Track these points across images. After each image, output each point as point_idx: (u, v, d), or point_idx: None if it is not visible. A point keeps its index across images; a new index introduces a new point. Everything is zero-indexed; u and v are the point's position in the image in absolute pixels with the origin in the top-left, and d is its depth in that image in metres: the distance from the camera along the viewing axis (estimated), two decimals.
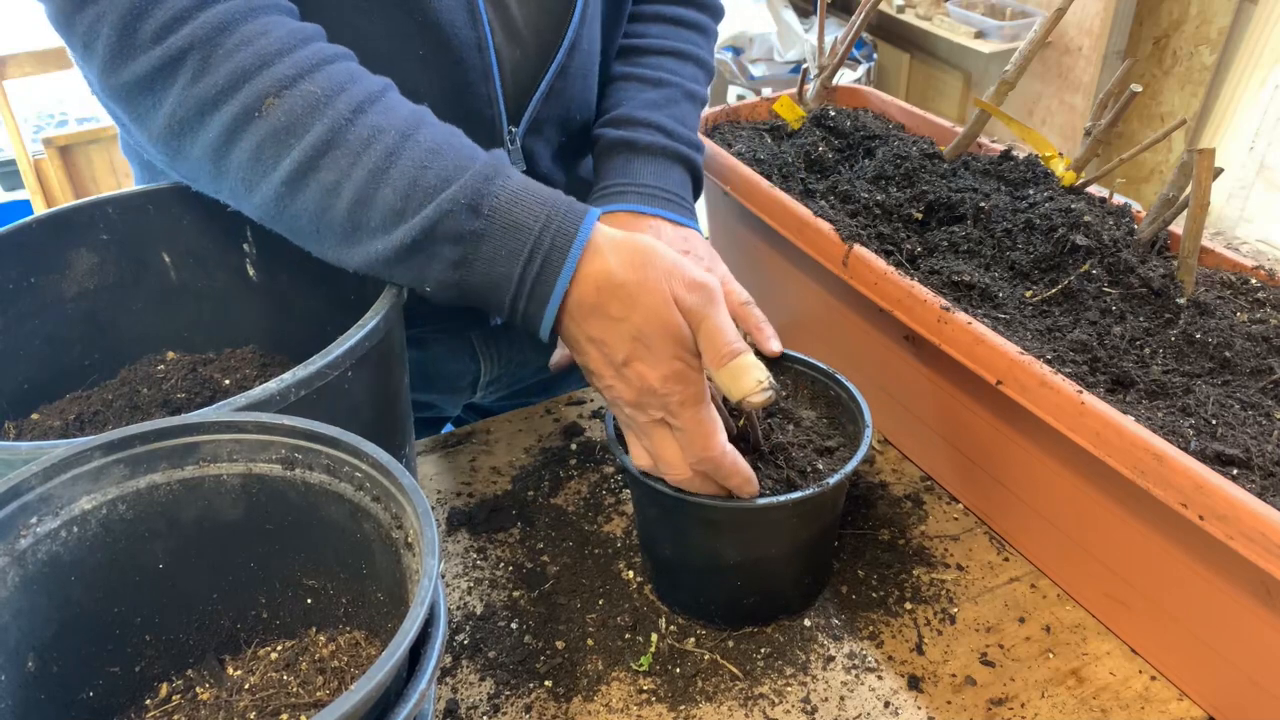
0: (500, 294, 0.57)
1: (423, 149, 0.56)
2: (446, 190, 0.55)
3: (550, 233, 0.56)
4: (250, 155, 0.56)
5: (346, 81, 0.57)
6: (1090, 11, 2.49)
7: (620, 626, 0.69)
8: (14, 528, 0.46)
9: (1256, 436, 0.60)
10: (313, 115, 0.55)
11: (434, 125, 0.59)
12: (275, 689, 0.53)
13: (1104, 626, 0.69)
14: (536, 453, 0.85)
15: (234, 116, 0.55)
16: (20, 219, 0.68)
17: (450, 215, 0.55)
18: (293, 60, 0.56)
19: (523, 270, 0.56)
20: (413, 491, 0.46)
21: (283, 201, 0.57)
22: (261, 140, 0.55)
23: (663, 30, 0.86)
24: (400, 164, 0.56)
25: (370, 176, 0.55)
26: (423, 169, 0.56)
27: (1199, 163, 0.66)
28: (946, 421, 0.78)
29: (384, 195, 0.55)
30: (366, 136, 0.56)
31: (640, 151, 0.78)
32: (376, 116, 0.56)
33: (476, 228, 0.56)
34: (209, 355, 0.76)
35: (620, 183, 0.77)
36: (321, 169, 0.55)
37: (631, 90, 0.81)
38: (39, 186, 2.22)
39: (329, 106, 0.55)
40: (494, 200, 0.56)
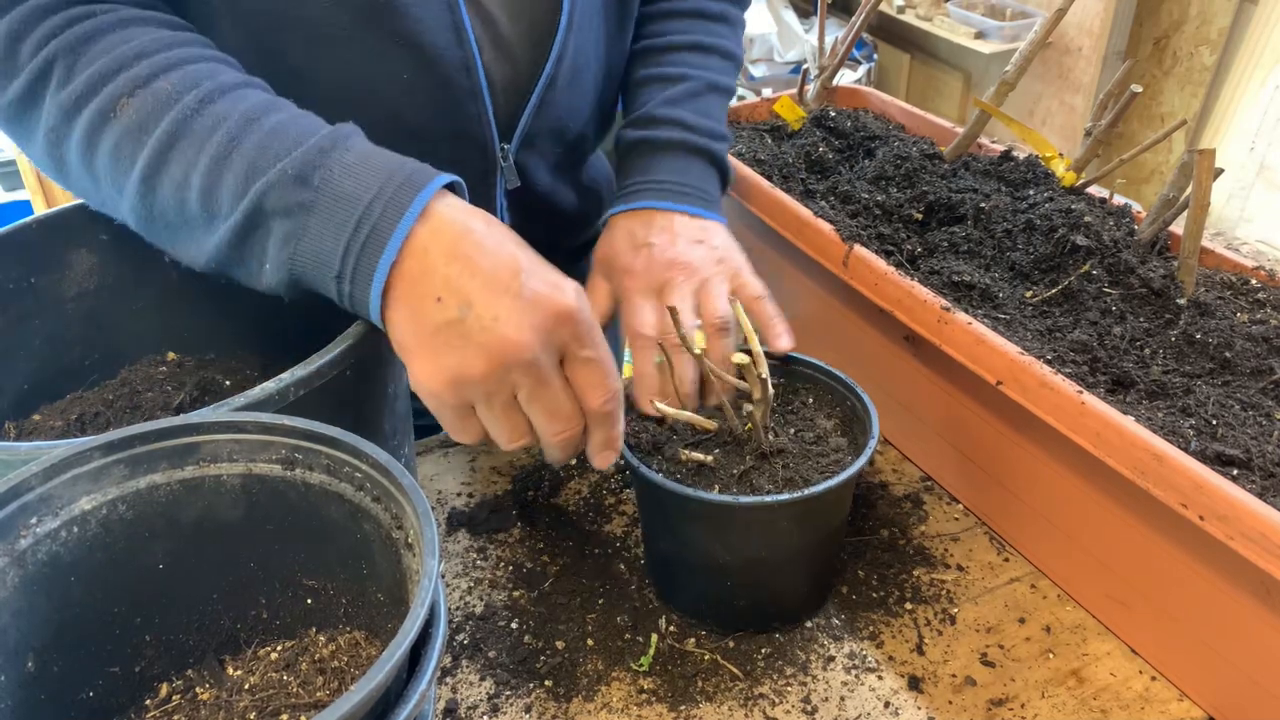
0: (327, 271, 0.53)
1: (264, 131, 0.54)
2: (278, 164, 0.53)
3: (382, 201, 0.53)
4: (110, 156, 0.56)
5: (202, 78, 0.56)
6: (1090, 12, 2.49)
7: (620, 626, 0.69)
8: (14, 528, 0.46)
9: (1257, 437, 0.60)
10: (162, 111, 0.54)
11: (285, 111, 0.57)
12: (275, 689, 0.53)
13: (1104, 627, 0.69)
14: (537, 453, 0.85)
15: (92, 119, 0.55)
16: (20, 219, 0.68)
17: (276, 186, 0.53)
18: (150, 62, 0.56)
19: (347, 243, 0.52)
20: (412, 491, 0.46)
21: (146, 201, 0.56)
22: (118, 140, 0.55)
23: (682, 26, 0.85)
24: (242, 148, 0.54)
25: (213, 164, 0.54)
26: (262, 149, 0.54)
27: (1199, 163, 0.66)
28: (946, 422, 0.78)
29: (227, 181, 0.54)
30: (210, 125, 0.54)
31: (659, 148, 0.78)
32: (224, 105, 0.55)
33: (304, 199, 0.53)
34: (209, 355, 0.76)
35: (637, 181, 0.77)
36: (171, 162, 0.55)
37: (653, 90, 0.81)
38: (39, 186, 2.22)
39: (178, 101, 0.55)
40: (326, 171, 0.53)
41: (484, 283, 0.52)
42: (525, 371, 0.53)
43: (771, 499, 0.61)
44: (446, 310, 0.52)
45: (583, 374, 0.56)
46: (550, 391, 0.55)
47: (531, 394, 0.55)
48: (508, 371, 0.53)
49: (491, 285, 0.52)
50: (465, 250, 0.53)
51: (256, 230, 0.54)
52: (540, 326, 0.53)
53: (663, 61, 0.83)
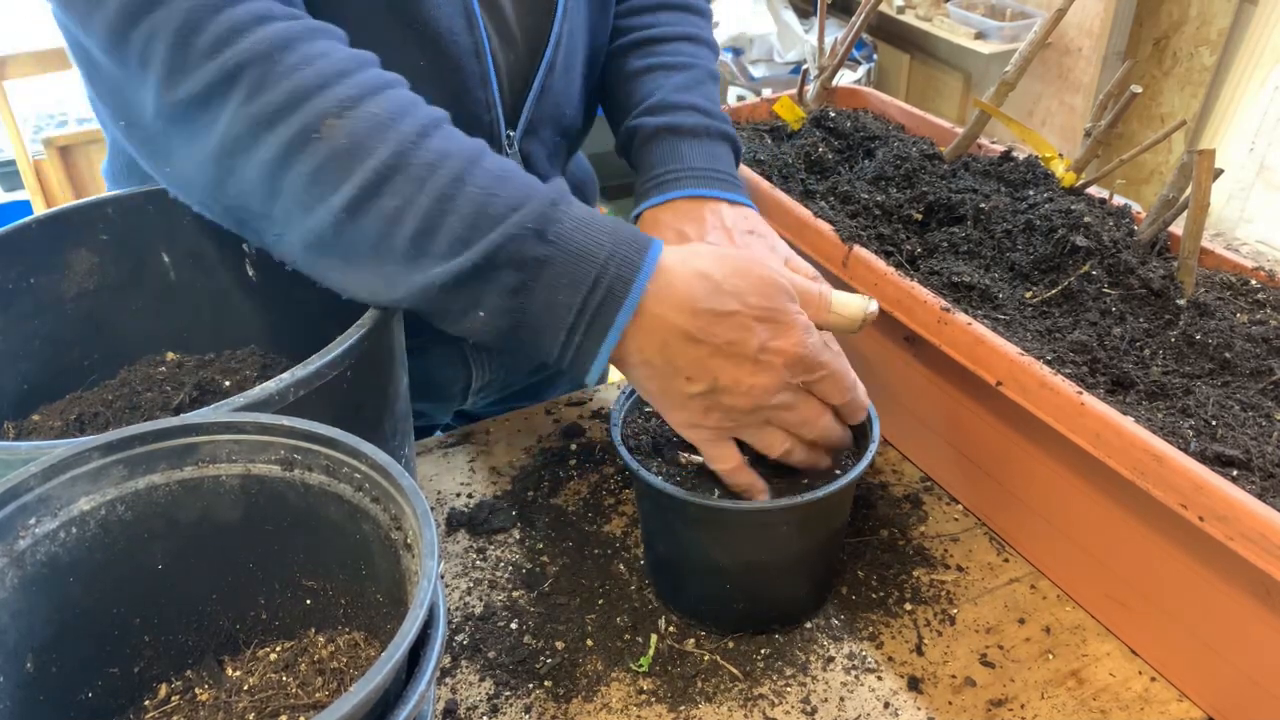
0: (558, 324, 0.55)
1: (489, 175, 0.55)
2: (513, 216, 0.54)
3: (616, 261, 0.55)
4: (308, 177, 0.54)
5: (409, 106, 0.56)
6: (1090, 12, 2.49)
7: (620, 627, 0.69)
8: (13, 528, 0.46)
9: (1256, 437, 0.60)
10: (376, 138, 0.53)
11: (494, 154, 0.57)
12: (274, 690, 0.53)
13: (1104, 627, 0.69)
14: (536, 453, 0.85)
15: (292, 136, 0.53)
16: (20, 219, 0.68)
17: (516, 240, 0.54)
18: (353, 82, 0.54)
19: (585, 299, 0.54)
20: (412, 492, 0.46)
21: (341, 226, 0.54)
22: (322, 162, 0.53)
23: (671, 18, 0.86)
24: (467, 190, 0.54)
25: (436, 203, 0.54)
26: (490, 195, 0.54)
27: (1199, 163, 0.66)
28: (946, 422, 0.78)
29: (450, 222, 0.54)
30: (431, 161, 0.54)
31: (685, 134, 0.77)
32: (441, 141, 0.55)
33: (541, 254, 0.54)
34: (209, 355, 0.76)
35: (673, 169, 0.76)
36: (385, 194, 0.54)
37: (659, 78, 0.81)
38: (39, 186, 2.22)
39: (392, 129, 0.54)
40: (559, 227, 0.55)
41: (724, 359, 0.56)
42: (775, 409, 0.59)
43: (771, 504, 0.61)
44: (695, 385, 0.57)
45: (821, 389, 0.61)
46: (798, 413, 0.60)
47: (784, 419, 0.60)
48: (759, 413, 0.59)
49: (734, 361, 0.57)
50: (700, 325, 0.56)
51: (481, 278, 0.54)
52: (780, 382, 0.58)
53: (662, 51, 0.84)
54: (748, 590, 0.66)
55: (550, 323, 0.55)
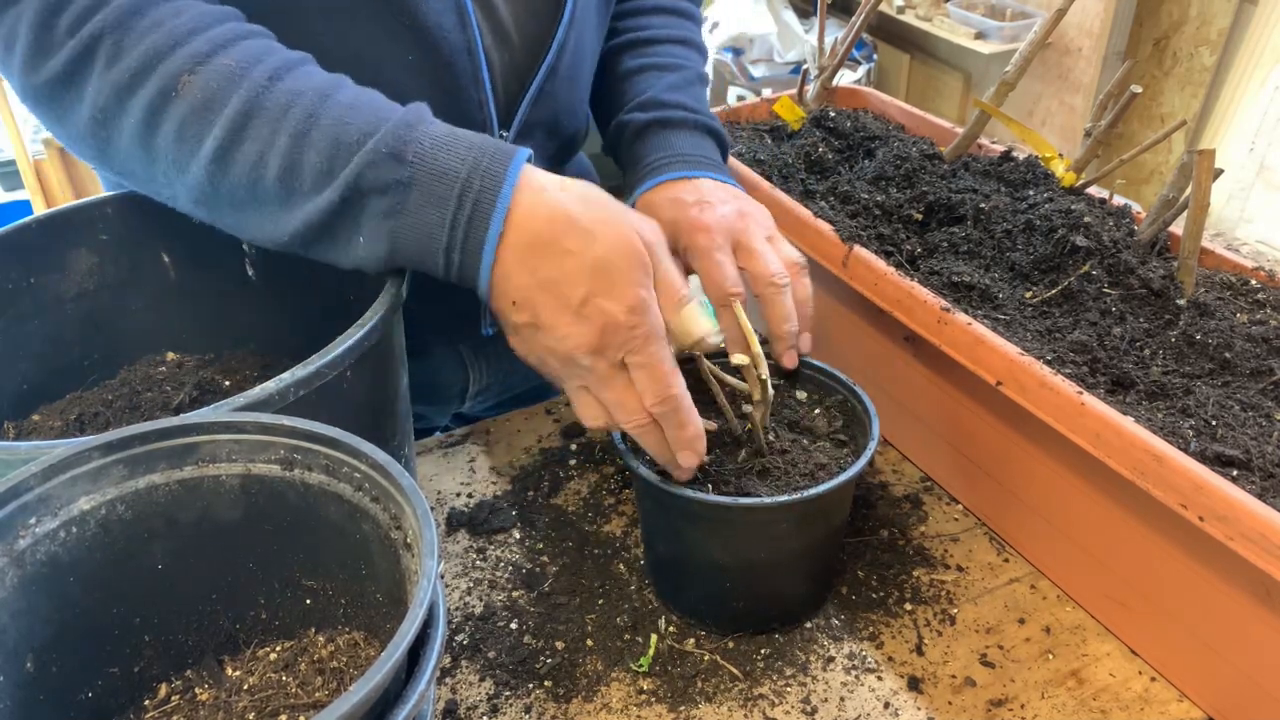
0: (434, 244, 0.56)
1: (342, 106, 0.56)
2: (368, 142, 0.55)
3: (479, 174, 0.55)
4: (175, 135, 0.55)
5: (262, 53, 0.56)
6: (1090, 12, 2.49)
7: (620, 627, 0.69)
8: (13, 528, 0.46)
9: (1256, 437, 0.60)
10: (230, 87, 0.54)
11: (352, 86, 0.58)
12: (274, 690, 0.53)
13: (1104, 627, 0.69)
14: (536, 453, 0.85)
15: (152, 97, 0.54)
16: (20, 219, 0.68)
17: (374, 165, 0.54)
18: (206, 37, 0.55)
19: (454, 215, 0.55)
20: (411, 492, 0.46)
21: (215, 179, 0.56)
22: (183, 118, 0.55)
23: (665, 21, 0.88)
24: (321, 124, 0.55)
25: (293, 141, 0.55)
26: (343, 125, 0.55)
27: (1199, 163, 0.66)
28: (946, 422, 0.78)
29: (309, 158, 0.55)
30: (285, 102, 0.55)
31: (674, 126, 0.79)
32: (293, 82, 0.56)
33: (402, 175, 0.55)
34: (209, 355, 0.76)
35: (661, 155, 0.78)
36: (245, 140, 0.55)
37: (650, 78, 0.83)
38: (39, 186, 2.22)
39: (245, 77, 0.55)
40: (418, 146, 0.55)
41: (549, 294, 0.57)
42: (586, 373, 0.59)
43: (770, 501, 0.61)
44: (520, 315, 0.58)
45: (638, 378, 0.59)
46: (611, 390, 0.59)
47: (597, 390, 0.60)
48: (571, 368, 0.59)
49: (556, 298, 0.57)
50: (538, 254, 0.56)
51: (351, 207, 0.56)
52: (592, 343, 0.57)
53: (655, 53, 0.85)
54: (747, 588, 0.66)
55: (427, 243, 0.56)
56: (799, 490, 0.62)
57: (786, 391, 0.73)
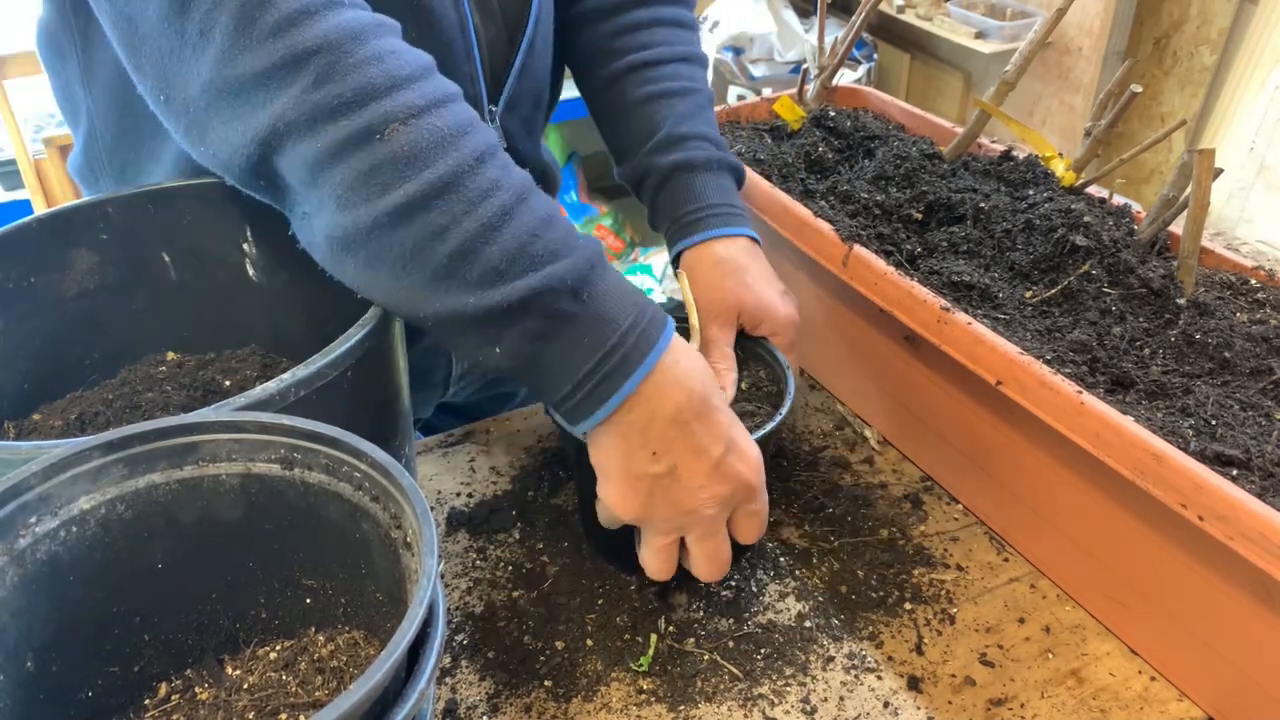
0: (566, 377, 0.57)
1: (536, 216, 0.56)
2: (553, 265, 0.55)
3: (635, 333, 0.57)
4: (360, 176, 0.53)
5: (469, 124, 0.56)
6: (1090, 12, 2.49)
7: (620, 626, 0.69)
8: (13, 527, 0.46)
9: (1256, 437, 0.60)
10: (437, 151, 0.53)
11: (541, 194, 0.58)
12: (274, 689, 0.53)
13: (1104, 627, 0.69)
14: (536, 453, 0.85)
15: (353, 132, 0.52)
16: (20, 219, 0.68)
17: (552, 292, 0.55)
18: (421, 90, 0.54)
19: (598, 363, 0.56)
20: (412, 491, 0.46)
21: (380, 230, 0.54)
22: (377, 163, 0.53)
23: (667, 36, 0.85)
24: (513, 225, 0.54)
25: (482, 230, 0.54)
26: (534, 236, 0.55)
27: (1199, 163, 0.66)
28: (946, 421, 0.78)
29: (490, 252, 0.54)
30: (485, 188, 0.54)
31: (699, 169, 0.79)
32: (496, 170, 0.55)
33: (571, 310, 0.56)
34: (209, 355, 0.76)
35: (693, 210, 0.79)
36: (434, 209, 0.53)
37: (663, 109, 0.81)
38: (39, 186, 2.22)
39: (454, 147, 0.54)
40: (594, 288, 0.56)
41: (695, 453, 0.59)
42: (702, 525, 0.62)
43: None
44: (658, 465, 0.59)
45: (747, 523, 0.64)
46: (715, 541, 0.63)
47: (699, 540, 0.63)
48: (687, 520, 0.62)
49: (700, 457, 0.59)
50: (686, 417, 0.59)
51: (508, 318, 0.55)
52: (727, 497, 0.61)
53: (661, 76, 0.83)
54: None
55: (560, 375, 0.57)
56: None
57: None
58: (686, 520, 0.61)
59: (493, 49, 0.76)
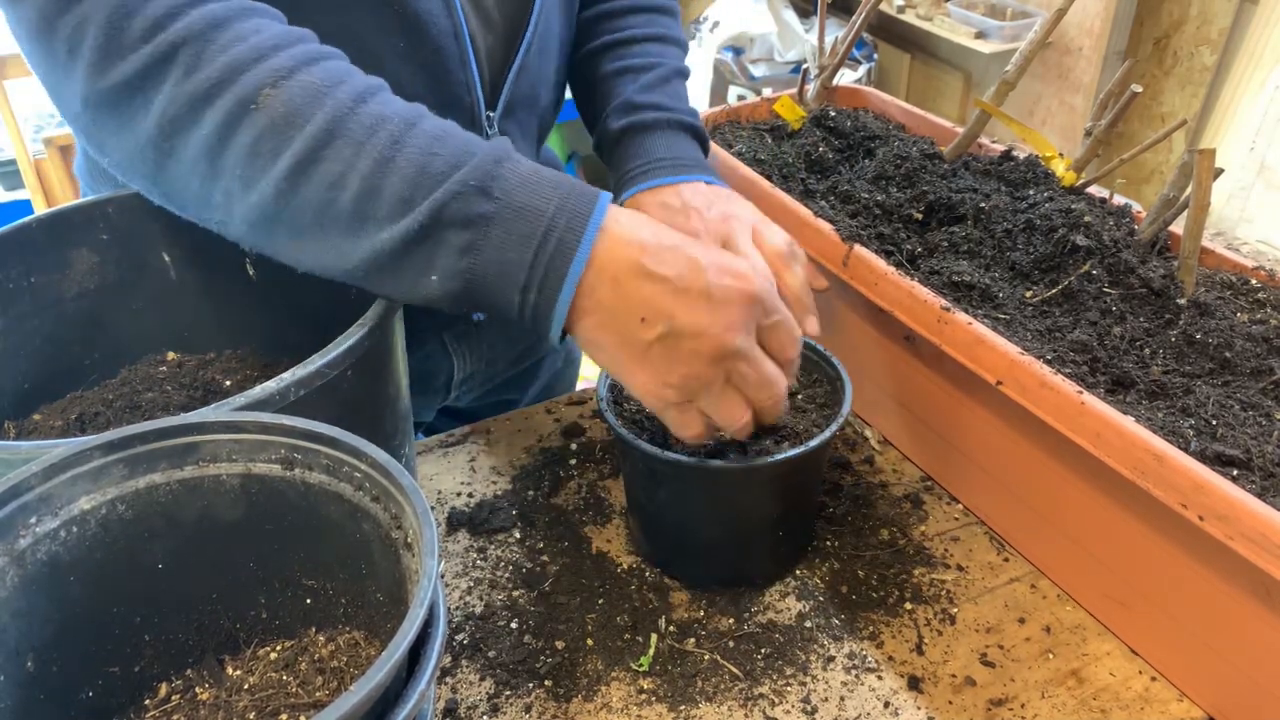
0: (510, 282, 0.55)
1: (428, 136, 0.55)
2: (455, 174, 0.54)
3: (565, 213, 0.54)
4: (248, 149, 0.53)
5: (344, 75, 0.56)
6: (1091, 12, 2.49)
7: (620, 626, 0.69)
8: (13, 527, 0.46)
9: (1256, 437, 0.60)
10: (313, 105, 0.53)
11: (434, 116, 0.57)
12: (274, 689, 0.53)
13: (1104, 627, 0.69)
14: (536, 453, 0.85)
15: (230, 108, 0.53)
16: (20, 219, 0.68)
17: (459, 197, 0.53)
18: (288, 54, 0.54)
19: (535, 254, 0.54)
20: (412, 491, 0.46)
21: (284, 197, 0.54)
22: (260, 133, 0.53)
23: (641, 20, 0.89)
24: (406, 152, 0.54)
25: (376, 165, 0.53)
26: (430, 155, 0.54)
27: (1199, 163, 0.66)
28: (946, 421, 0.78)
29: (391, 184, 0.53)
30: (370, 125, 0.54)
31: (648, 128, 0.80)
32: (378, 106, 0.55)
33: (486, 210, 0.54)
34: (209, 355, 0.76)
35: (639, 163, 0.79)
36: (325, 159, 0.53)
37: (625, 81, 0.84)
38: (39, 186, 2.22)
39: (329, 96, 0.54)
40: (504, 183, 0.54)
41: (678, 295, 0.55)
42: (737, 358, 0.57)
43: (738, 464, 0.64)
44: (653, 328, 0.55)
45: (775, 337, 0.59)
46: (758, 365, 0.58)
47: (744, 374, 0.58)
48: (722, 363, 0.57)
49: (686, 296, 0.55)
50: (651, 265, 0.55)
51: (428, 240, 0.54)
52: (739, 319, 0.56)
53: (630, 54, 0.86)
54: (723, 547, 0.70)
55: (504, 282, 0.55)
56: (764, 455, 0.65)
57: None
58: (720, 363, 0.57)
59: (491, 56, 0.76)
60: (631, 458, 0.69)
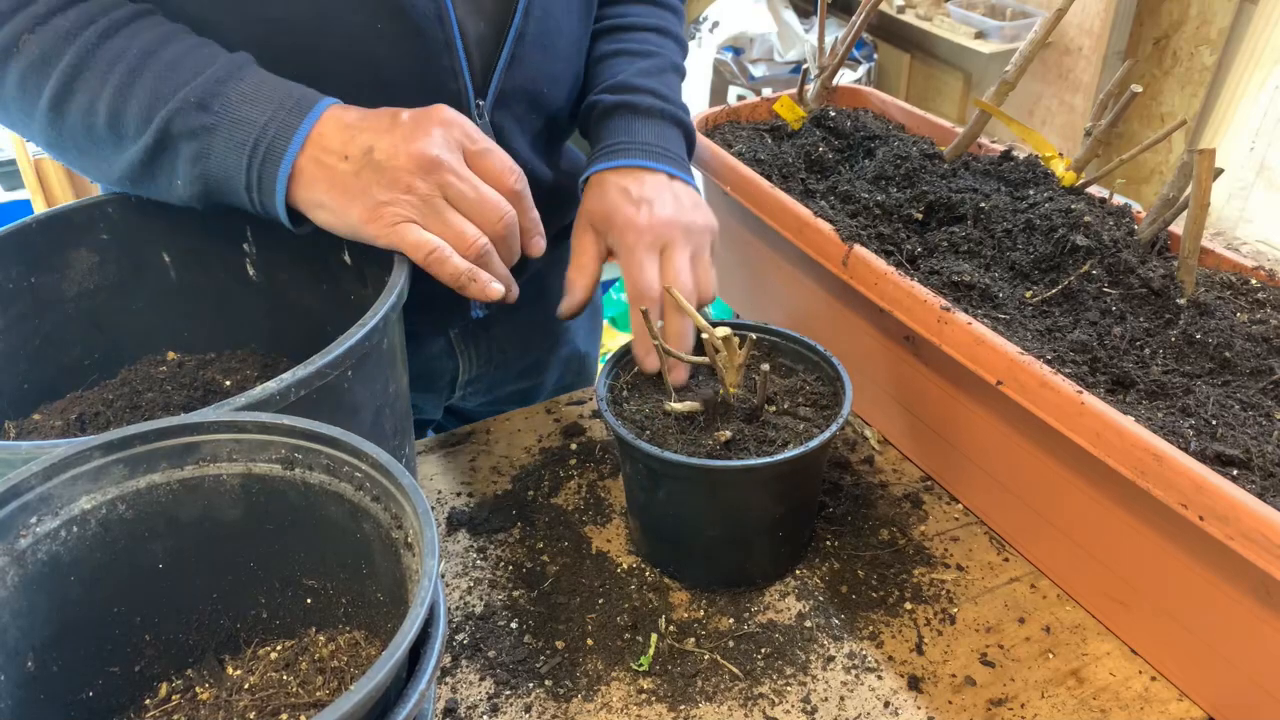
0: (235, 185, 0.63)
1: (163, 63, 0.62)
2: (180, 92, 0.62)
3: (275, 123, 0.62)
4: (17, 87, 0.63)
5: (98, 14, 0.63)
6: (1091, 12, 2.49)
7: (620, 626, 0.69)
8: (14, 527, 0.46)
9: (1256, 437, 0.60)
10: (64, 45, 0.62)
11: (182, 42, 0.64)
12: (275, 689, 0.53)
13: (1104, 627, 0.69)
14: (536, 453, 0.85)
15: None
16: (20, 219, 0.68)
17: (181, 113, 0.61)
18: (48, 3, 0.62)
19: (249, 160, 0.62)
20: (412, 491, 0.46)
21: (56, 125, 0.63)
22: (24, 72, 0.62)
23: (644, 10, 0.90)
24: (144, 77, 0.62)
25: (117, 92, 0.62)
26: (162, 79, 0.62)
27: (1199, 163, 0.66)
28: (946, 421, 0.78)
29: (131, 107, 0.62)
30: (111, 58, 0.62)
31: (640, 113, 0.81)
32: (121, 40, 0.63)
33: (206, 122, 0.62)
34: (209, 355, 0.76)
35: (622, 141, 0.79)
36: (77, 91, 0.62)
37: (624, 63, 0.85)
38: (39, 186, 2.22)
39: (77, 36, 0.62)
40: (224, 98, 0.62)
41: (373, 130, 0.62)
42: (441, 169, 0.62)
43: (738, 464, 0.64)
44: (354, 161, 0.62)
45: (487, 162, 0.65)
46: (471, 184, 0.64)
47: (460, 192, 0.63)
48: (428, 175, 0.62)
49: (379, 129, 0.62)
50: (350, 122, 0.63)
51: (165, 151, 0.63)
52: (434, 135, 0.63)
53: (630, 39, 0.86)
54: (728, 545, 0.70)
55: (232, 184, 0.63)
56: (763, 455, 0.65)
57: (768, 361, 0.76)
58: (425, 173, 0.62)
59: (481, 42, 0.75)
60: (631, 457, 0.69)
